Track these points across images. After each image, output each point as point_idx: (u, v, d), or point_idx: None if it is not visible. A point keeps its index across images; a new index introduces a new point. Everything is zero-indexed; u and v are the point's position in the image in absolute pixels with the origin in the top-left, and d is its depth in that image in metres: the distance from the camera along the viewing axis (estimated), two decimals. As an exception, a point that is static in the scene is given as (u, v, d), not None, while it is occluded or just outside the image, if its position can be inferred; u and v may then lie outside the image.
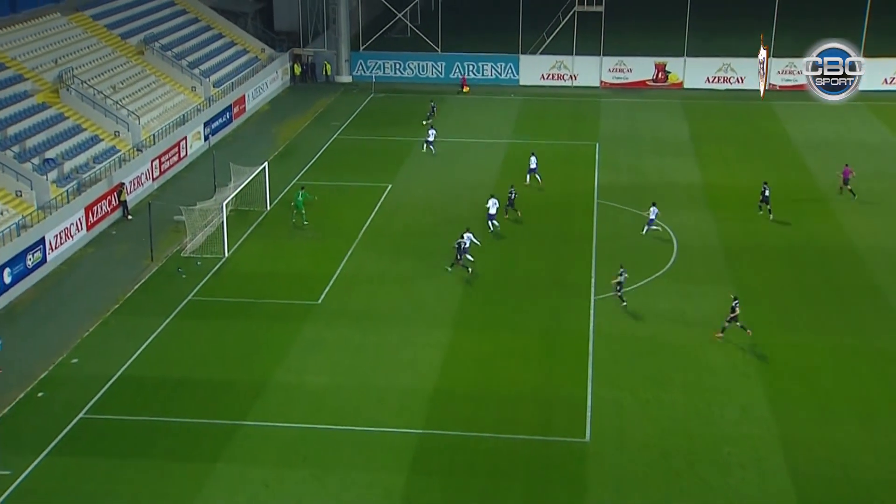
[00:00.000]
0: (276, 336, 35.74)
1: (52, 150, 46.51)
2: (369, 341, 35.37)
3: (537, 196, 49.14)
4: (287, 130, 62.03)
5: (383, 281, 40.31)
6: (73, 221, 43.44)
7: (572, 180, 49.75)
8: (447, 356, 34.31)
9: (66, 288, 40.22)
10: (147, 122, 53.87)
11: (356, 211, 47.79)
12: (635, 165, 52.92)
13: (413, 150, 57.50)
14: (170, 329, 36.34)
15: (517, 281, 40.32)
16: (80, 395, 31.73)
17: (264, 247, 43.89)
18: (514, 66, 73.12)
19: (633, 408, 31.25)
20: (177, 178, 53.40)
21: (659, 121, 63.70)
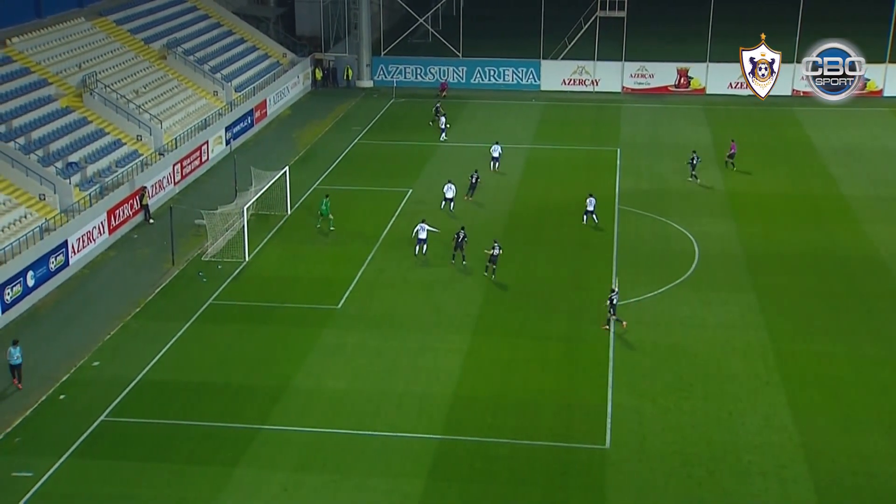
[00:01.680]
0: (295, 340, 35.84)
1: (75, 154, 46.87)
2: (389, 346, 35.42)
3: (558, 201, 49.05)
4: (308, 135, 62.24)
5: (403, 286, 40.36)
6: (96, 225, 43.73)
7: (593, 186, 49.61)
8: (467, 362, 34.30)
9: (88, 291, 40.51)
10: (169, 127, 54.17)
11: (377, 215, 47.90)
12: (657, 171, 52.74)
13: (434, 154, 57.57)
14: (190, 333, 36.52)
15: (537, 287, 40.26)
16: (101, 398, 31.93)
17: (285, 251, 44.03)
18: (535, 72, 73.06)
19: (654, 415, 31.12)
20: (198, 182, 53.67)
21: (681, 127, 63.47)
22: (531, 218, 47.24)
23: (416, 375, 33.43)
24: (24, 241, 39.30)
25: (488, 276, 38.39)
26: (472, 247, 42.24)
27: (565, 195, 49.69)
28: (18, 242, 39.03)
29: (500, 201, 49.25)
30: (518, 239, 44.53)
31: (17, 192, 42.41)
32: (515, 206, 48.96)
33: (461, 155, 56.62)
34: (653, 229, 46.12)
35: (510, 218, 46.95)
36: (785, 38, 68.73)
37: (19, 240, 39.17)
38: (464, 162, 55.00)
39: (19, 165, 43.10)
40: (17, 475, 28.11)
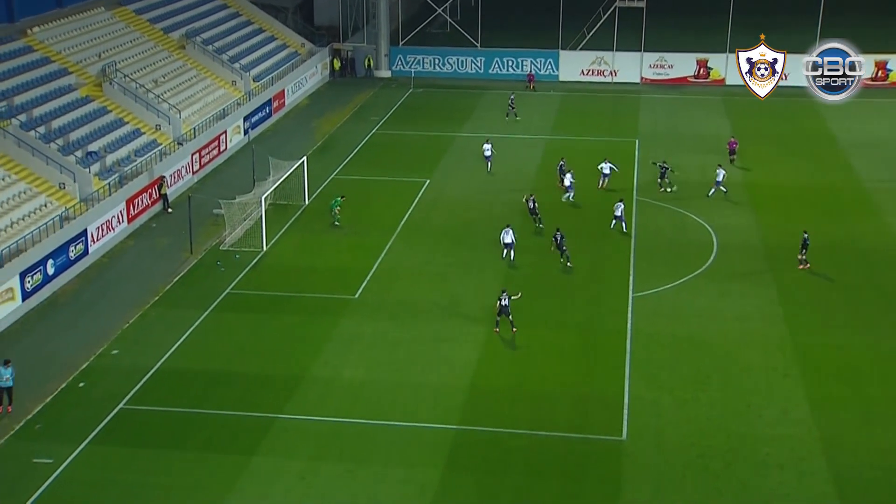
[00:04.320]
0: (313, 330, 35.90)
1: (94, 143, 47.07)
2: (406, 336, 35.43)
3: (576, 193, 48.93)
4: (326, 125, 62.26)
5: (421, 276, 40.34)
6: (115, 214, 43.93)
7: (611, 177, 49.44)
8: (483, 352, 34.28)
9: (107, 279, 40.71)
10: (188, 116, 54.33)
11: (394, 206, 47.87)
12: (675, 163, 52.40)
13: (452, 144, 57.51)
14: (208, 322, 36.65)
15: (555, 278, 40.18)
16: (119, 386, 32.12)
17: (302, 241, 44.09)
18: (553, 62, 72.81)
19: (671, 407, 31.02)
20: (216, 171, 53.80)
21: (700, 118, 63.11)
22: (548, 208, 47.06)
23: (432, 365, 33.44)
24: (44, 229, 39.53)
25: (501, 333, 34.99)
26: (488, 237, 42.07)
27: (583, 186, 49.49)
28: (39, 231, 39.27)
29: (518, 191, 49.12)
30: (535, 229, 44.36)
31: (37, 181, 42.64)
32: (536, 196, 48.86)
33: (478, 145, 56.44)
34: (671, 221, 45.90)
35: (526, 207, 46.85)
36: (807, 29, 68.33)
37: (39, 228, 39.40)
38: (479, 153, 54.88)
39: (40, 154, 43.34)
40: (38, 461, 28.32)
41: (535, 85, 70.16)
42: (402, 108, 66.39)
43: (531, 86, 69.87)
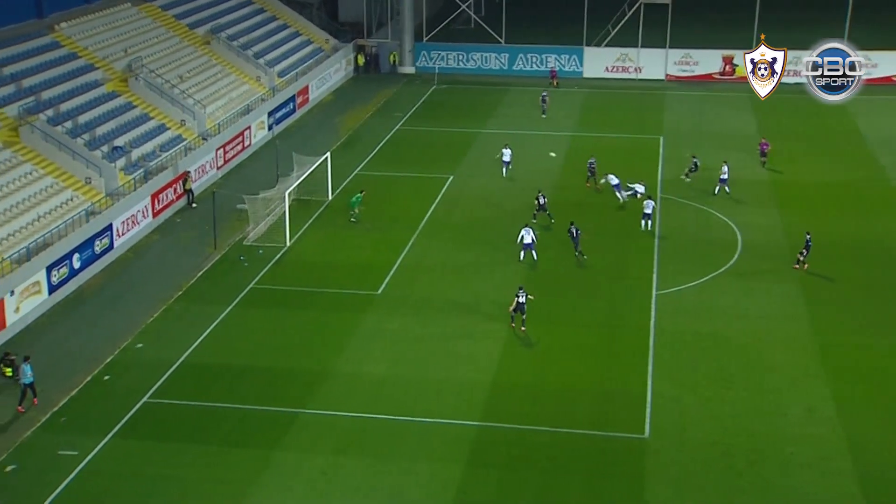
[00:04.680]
0: (336, 325, 35.98)
1: (120, 138, 47.36)
2: (428, 332, 35.45)
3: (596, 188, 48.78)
4: (350, 120, 62.35)
5: (444, 272, 40.36)
6: (140, 209, 44.21)
7: (636, 175, 49.22)
8: (506, 348, 34.25)
9: (132, 274, 40.98)
10: (212, 112, 54.57)
11: (417, 201, 47.89)
12: (700, 161, 52.06)
13: (475, 141, 57.45)
14: (232, 317, 36.82)
15: (578, 275, 40.09)
16: (143, 380, 32.34)
17: (325, 236, 44.19)
18: (578, 59, 72.57)
19: (694, 405, 30.88)
20: (240, 166, 54.00)
21: (725, 115, 62.71)
22: (572, 205, 46.94)
23: (455, 361, 33.44)
24: (70, 223, 39.85)
25: (516, 328, 35.07)
26: (511, 234, 42.09)
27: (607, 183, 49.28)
28: (65, 225, 39.59)
29: (542, 189, 48.97)
30: (558, 226, 44.27)
31: (63, 176, 42.97)
32: (556, 194, 48.67)
33: (502, 141, 56.32)
34: (695, 218, 45.65)
35: (550, 206, 46.66)
36: (834, 24, 67.72)
37: (66, 222, 39.73)
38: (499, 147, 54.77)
39: (66, 149, 43.67)
40: (63, 453, 28.58)
41: (558, 81, 69.96)
42: (426, 104, 66.35)
43: (554, 82, 69.68)
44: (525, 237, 40.54)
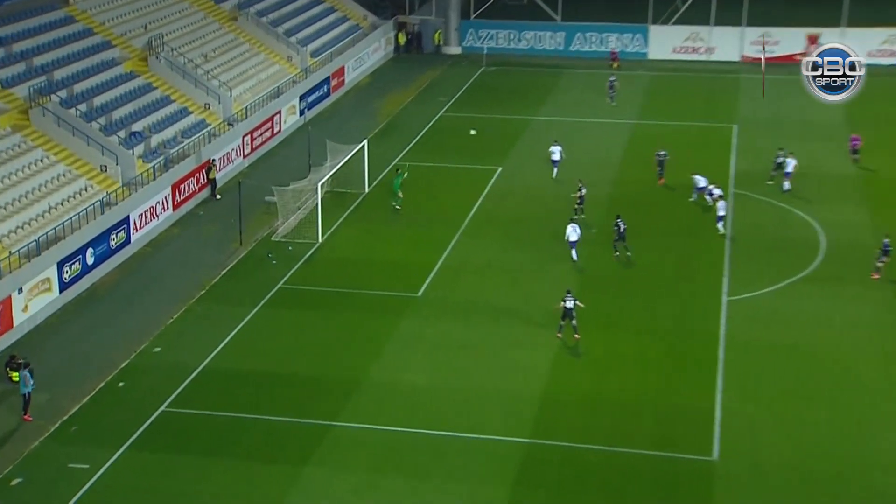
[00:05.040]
0: (371, 330, 36.12)
1: (138, 122, 47.88)
2: (473, 339, 35.48)
3: (665, 182, 48.43)
4: (389, 105, 62.54)
5: (490, 273, 40.34)
6: (159, 200, 44.68)
7: (706, 167, 48.80)
8: (558, 357, 34.18)
9: (150, 271, 41.43)
10: (239, 95, 55.00)
11: (462, 195, 47.92)
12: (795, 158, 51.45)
13: (527, 129, 57.32)
14: (258, 318, 37.08)
15: (639, 277, 39.90)
16: (161, 387, 32.65)
17: (361, 232, 44.37)
18: (642, 38, 72.20)
19: (769, 424, 30.58)
20: (269, 155, 54.36)
21: (809, 101, 61.45)
22: (634, 201, 46.72)
23: (502, 371, 33.42)
24: (83, 215, 40.34)
25: (565, 337, 34.95)
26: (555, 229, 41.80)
27: (674, 176, 48.98)
28: (78, 217, 40.08)
29: (600, 183, 48.84)
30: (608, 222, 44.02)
31: (77, 163, 43.54)
32: (616, 189, 48.53)
33: (555, 131, 56.21)
34: (772, 216, 45.23)
35: (610, 201, 46.48)
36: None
37: (79, 214, 40.22)
38: (558, 138, 54.59)
39: (80, 134, 44.23)
40: (74, 466, 28.90)
41: (619, 63, 69.59)
42: (473, 87, 66.36)
43: (614, 64, 69.35)
44: (571, 234, 40.50)
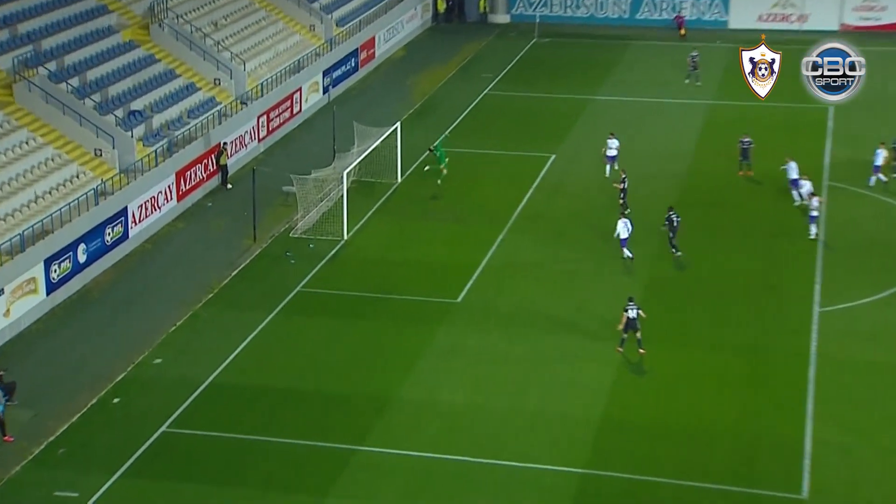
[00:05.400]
0: (403, 341, 36.23)
1: (138, 100, 48.09)
2: (520, 352, 35.48)
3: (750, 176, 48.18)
4: (426, 83, 62.68)
5: (541, 276, 40.36)
6: (162, 189, 44.98)
7: (795, 155, 48.46)
8: (619, 375, 34.12)
9: (150, 271, 41.72)
10: (254, 69, 55.22)
11: (509, 187, 47.96)
12: (883, 138, 51.03)
13: (585, 111, 57.16)
14: (273, 326, 37.26)
15: (716, 283, 39.78)
16: (162, 404, 32.83)
17: (393, 228, 44.53)
18: (722, 5, 71.87)
19: (868, 457, 30.33)
20: (288, 139, 54.63)
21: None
22: (709, 195, 46.54)
23: (553, 390, 33.38)
24: (75, 206, 40.57)
25: (626, 353, 34.89)
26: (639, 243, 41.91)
27: (757, 167, 48.66)
28: (69, 208, 40.32)
29: (670, 173, 48.65)
30: (692, 222, 43.82)
31: (68, 146, 43.83)
32: (689, 181, 48.38)
33: (619, 112, 56.03)
34: (873, 213, 45.00)
35: (682, 194, 46.28)
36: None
37: (69, 205, 40.46)
38: (621, 121, 54.41)
39: (72, 112, 44.49)
40: (61, 495, 29.07)
41: (686, 31, 69.21)
42: (523, 62, 66.34)
43: (681, 31, 69.03)
44: (621, 231, 40.62)
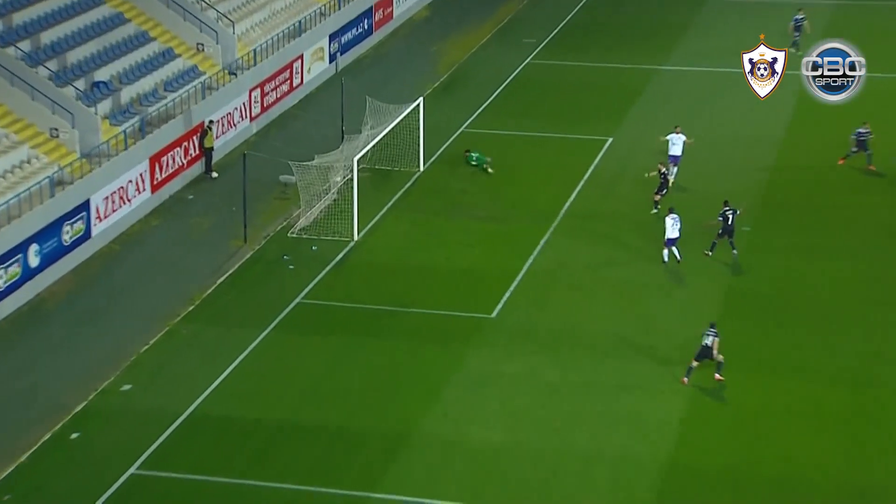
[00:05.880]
0: (425, 365, 36.16)
1: (104, 68, 48.10)
2: (569, 380, 35.38)
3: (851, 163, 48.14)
4: (454, 50, 62.78)
5: (594, 288, 40.39)
6: (133, 178, 44.98)
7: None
8: (691, 410, 34.00)
9: (117, 278, 41.76)
10: (245, 32, 55.32)
11: (556, 177, 48.07)
12: None
13: (649, 84, 57.01)
14: (268, 346, 37.21)
15: (809, 297, 39.78)
16: (131, 440, 32.71)
17: (413, 227, 44.65)
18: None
19: None
20: (286, 117, 54.78)
21: None
22: (804, 189, 46.47)
23: (610, 427, 33.25)
24: (25, 198, 40.59)
25: (696, 384, 35.09)
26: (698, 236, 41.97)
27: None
28: (18, 200, 40.33)
29: (753, 162, 48.50)
30: (781, 221, 43.85)
31: (17, 124, 43.79)
32: (776, 174, 48.45)
33: (692, 85, 55.84)
34: None
35: (769, 189, 46.35)
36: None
37: (19, 196, 40.47)
38: (695, 97, 54.20)
39: (21, 84, 44.47)
40: (6, 551, 29.33)
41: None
42: (573, 25, 66.55)
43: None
44: (669, 230, 40.85)
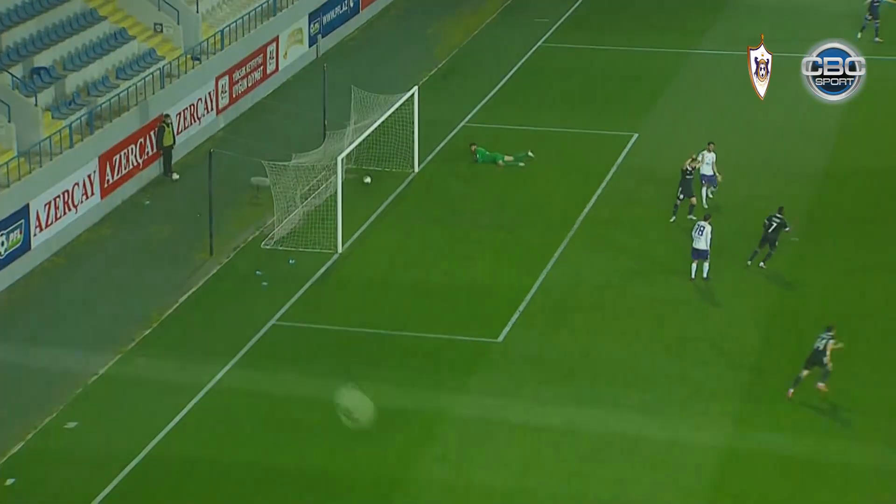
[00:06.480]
0: (421, 398, 36.04)
1: (45, 52, 47.99)
2: (588, 417, 35.27)
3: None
4: (454, 32, 62.95)
5: (615, 308, 40.49)
6: (80, 180, 44.82)
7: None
8: (732, 452, 33.78)
9: (62, 296, 41.60)
10: (210, 10, 55.30)
11: (573, 180, 48.20)
12: None
13: (680, 71, 56.97)
14: (237, 376, 37.06)
15: (868, 317, 39.80)
16: (77, 486, 32.44)
17: (407, 238, 44.71)
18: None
19: None
20: (258, 110, 54.80)
21: None
22: (861, 192, 46.62)
23: (636, 473, 33.02)
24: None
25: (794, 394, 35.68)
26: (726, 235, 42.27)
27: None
28: (-53, 206, 40.36)
29: (803, 161, 48.34)
30: (834, 228, 44.06)
31: (-53, 119, 43.82)
32: (828, 178, 48.62)
33: (730, 72, 55.79)
34: None
35: (819, 192, 46.41)
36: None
37: (-51, 201, 40.50)
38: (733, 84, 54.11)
39: (-48, 72, 44.56)
40: None
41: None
42: (591, 2, 66.81)
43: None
44: (697, 240, 41.01)
